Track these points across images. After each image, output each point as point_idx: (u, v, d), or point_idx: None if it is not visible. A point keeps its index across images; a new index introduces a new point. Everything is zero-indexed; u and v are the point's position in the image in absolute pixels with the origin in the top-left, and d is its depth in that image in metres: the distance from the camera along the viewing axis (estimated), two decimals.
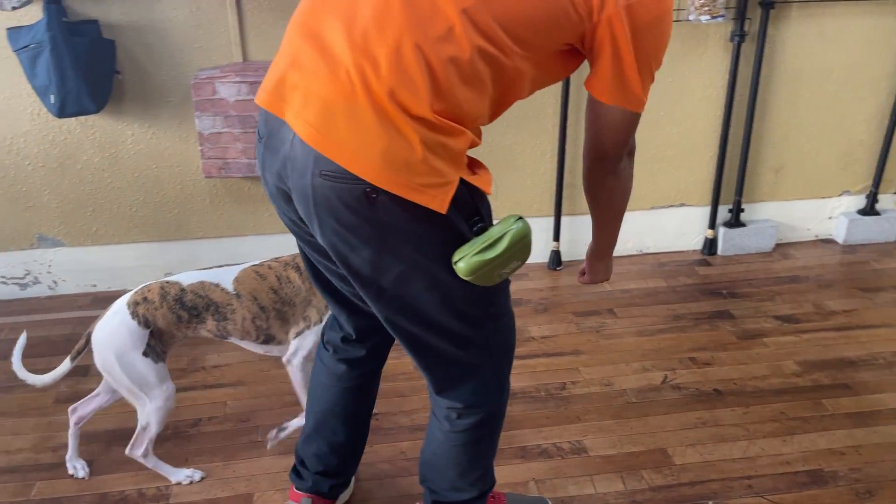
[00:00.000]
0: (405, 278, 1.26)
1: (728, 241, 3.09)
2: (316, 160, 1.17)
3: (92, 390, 2.00)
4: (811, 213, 3.17)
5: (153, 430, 1.83)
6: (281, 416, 2.16)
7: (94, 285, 2.89)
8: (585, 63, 1.29)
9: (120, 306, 1.77)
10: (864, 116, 3.01)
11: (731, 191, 3.05)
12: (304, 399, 1.92)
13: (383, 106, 1.13)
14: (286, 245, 2.89)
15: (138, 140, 2.68)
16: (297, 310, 1.86)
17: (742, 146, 2.95)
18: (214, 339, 1.84)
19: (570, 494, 1.87)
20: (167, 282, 1.81)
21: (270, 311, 1.83)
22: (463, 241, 1.25)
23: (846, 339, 2.50)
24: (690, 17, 2.67)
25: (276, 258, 1.90)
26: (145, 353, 1.75)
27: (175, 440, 2.08)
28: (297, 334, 1.87)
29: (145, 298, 1.77)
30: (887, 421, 2.11)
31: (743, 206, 3.07)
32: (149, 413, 1.80)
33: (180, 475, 1.92)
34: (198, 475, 1.93)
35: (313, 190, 1.19)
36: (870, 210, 3.14)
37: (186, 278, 1.82)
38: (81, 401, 1.96)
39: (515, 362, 2.37)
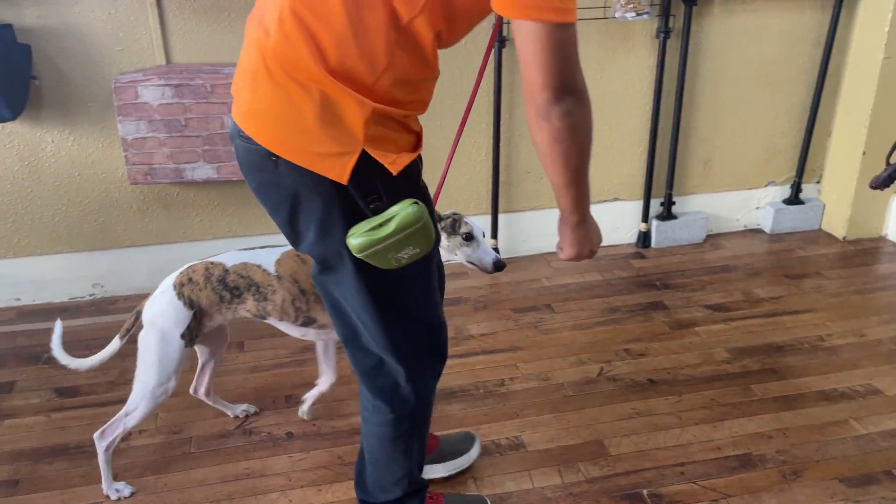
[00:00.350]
0: (318, 244, 1.31)
1: (661, 233, 3.15)
2: (235, 125, 1.29)
3: (13, 407, 1.92)
4: (739, 203, 3.26)
5: (133, 420, 1.81)
6: (214, 426, 2.12)
7: (19, 298, 2.78)
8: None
9: (167, 286, 1.82)
10: (785, 109, 3.12)
11: (662, 184, 3.12)
12: (326, 370, 2.06)
13: (275, 74, 1.19)
14: (219, 251, 2.82)
15: (59, 147, 2.59)
16: None
17: (671, 140, 3.02)
18: (253, 319, 1.89)
19: (507, 490, 1.88)
20: (212, 262, 1.84)
21: (310, 294, 1.84)
22: (361, 217, 1.24)
23: (773, 326, 2.58)
24: (616, 15, 2.72)
25: None
26: (182, 336, 1.79)
27: None
28: None
29: (190, 279, 1.81)
30: (812, 403, 2.19)
31: (674, 198, 3.14)
32: (142, 398, 1.79)
33: (111, 488, 1.87)
34: (127, 490, 1.88)
35: (237, 151, 1.32)
36: (794, 199, 3.25)
37: (230, 259, 1.85)
38: (196, 377, 2.07)
39: (453, 361, 2.38)
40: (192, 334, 1.80)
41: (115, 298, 2.82)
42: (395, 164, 1.23)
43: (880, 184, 1.41)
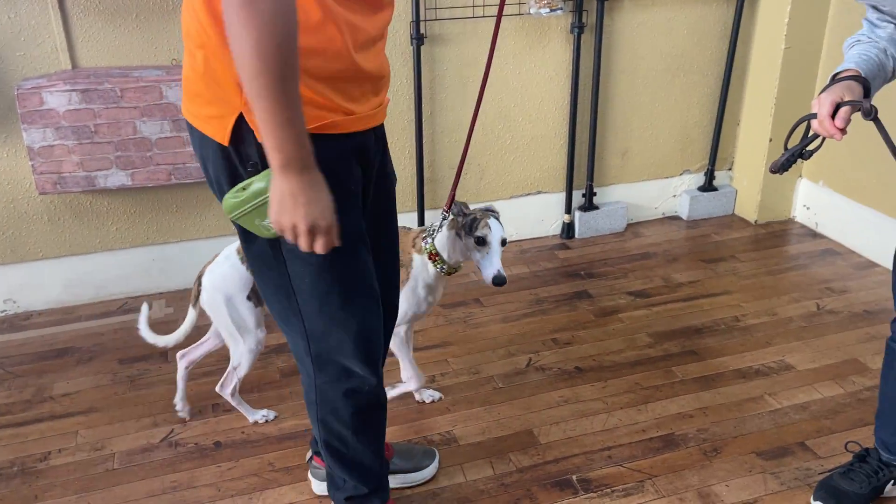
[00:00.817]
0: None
1: (584, 224, 3.23)
2: None
3: None
4: (657, 192, 3.36)
5: (242, 370, 1.96)
6: (138, 440, 2.06)
7: None
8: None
9: (230, 252, 1.90)
10: (696, 100, 3.23)
11: (583, 176, 3.19)
12: (406, 365, 2.08)
13: (185, 42, 1.22)
14: (137, 260, 2.75)
15: None
16: None
17: (590, 133, 3.09)
18: None
19: (440, 485, 1.90)
20: None
21: None
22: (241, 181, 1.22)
23: (692, 309, 2.68)
24: (531, 11, 2.76)
25: None
26: (248, 297, 1.87)
27: (22, 477, 1.93)
28: None
29: None
30: (729, 382, 2.28)
31: (595, 189, 3.22)
32: (241, 354, 1.94)
33: (257, 415, 2.11)
34: (272, 415, 2.13)
35: None
36: (708, 186, 3.38)
37: None
38: (191, 346, 2.07)
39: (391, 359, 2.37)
40: (258, 295, 1.88)
41: (29, 314, 2.71)
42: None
43: (779, 168, 1.49)
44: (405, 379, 2.12)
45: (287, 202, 1.11)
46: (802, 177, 3.27)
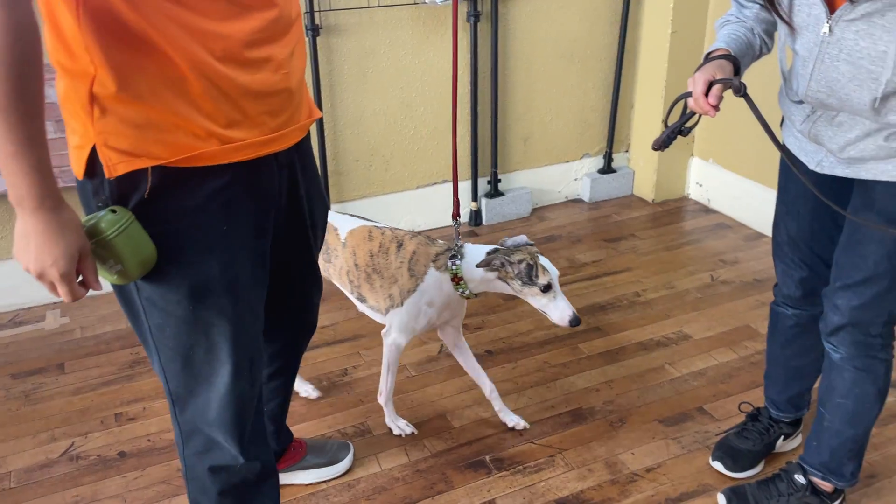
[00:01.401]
0: None
1: (490, 210, 3.28)
2: None
3: None
4: (559, 176, 3.45)
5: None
6: (36, 456, 1.96)
7: None
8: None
9: None
10: (592, 85, 3.33)
11: (487, 163, 3.24)
12: (385, 377, 1.96)
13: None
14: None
15: None
16: (384, 283, 1.85)
17: (491, 120, 3.14)
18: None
19: (356, 477, 1.89)
20: None
21: (362, 272, 1.87)
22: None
23: (596, 287, 2.77)
24: (427, 0, 2.77)
25: (397, 229, 1.90)
26: None
27: None
28: (388, 310, 1.88)
29: None
30: (631, 354, 2.38)
31: (500, 176, 3.27)
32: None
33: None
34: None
35: None
36: (607, 169, 3.49)
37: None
38: None
39: None
40: None
41: None
42: (115, 166, 1.04)
43: (660, 145, 1.55)
44: (381, 389, 2.00)
45: (20, 243, 1.00)
46: (694, 155, 3.42)
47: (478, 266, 1.72)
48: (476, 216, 3.27)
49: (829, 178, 1.50)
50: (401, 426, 2.04)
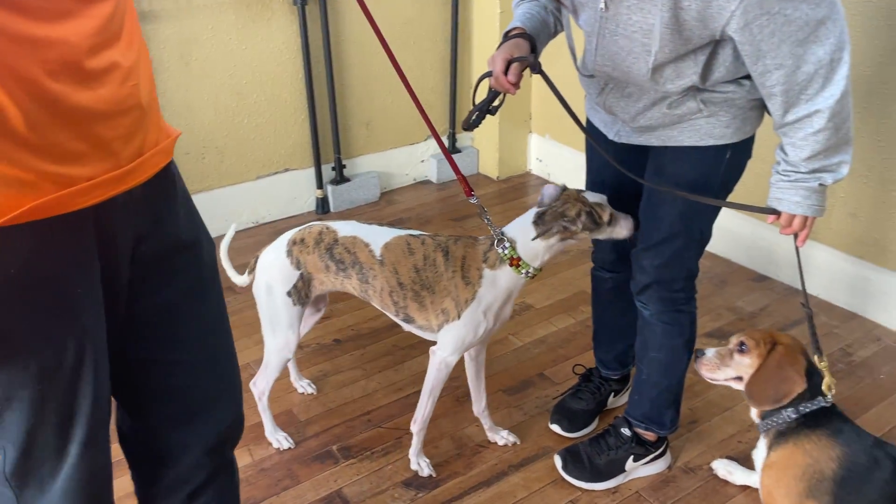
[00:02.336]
0: None
1: (337, 197, 3.24)
2: None
3: None
4: (405, 159, 3.46)
5: (271, 372, 1.84)
6: None
7: None
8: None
9: (283, 240, 1.76)
10: (430, 65, 3.35)
11: (330, 149, 3.19)
12: (424, 402, 1.80)
13: None
14: None
15: None
16: (436, 298, 1.67)
17: (330, 105, 3.09)
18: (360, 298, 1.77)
19: None
20: (327, 227, 1.74)
21: (408, 291, 1.68)
22: None
23: None
24: None
25: (436, 235, 1.72)
26: (289, 293, 1.73)
27: None
28: (440, 327, 1.69)
29: (302, 240, 1.74)
30: None
31: (344, 162, 3.23)
32: (269, 351, 1.82)
33: (273, 436, 1.94)
34: (286, 443, 1.94)
35: None
36: (452, 149, 3.54)
37: (345, 228, 1.74)
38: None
39: None
40: (300, 294, 1.74)
41: None
42: None
43: (469, 125, 1.58)
44: (416, 416, 1.83)
45: None
46: (532, 132, 3.53)
47: (534, 239, 1.59)
48: (323, 204, 3.22)
49: (627, 147, 1.58)
50: (422, 465, 1.86)
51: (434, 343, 1.76)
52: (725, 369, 1.49)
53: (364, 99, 3.22)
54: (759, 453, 1.47)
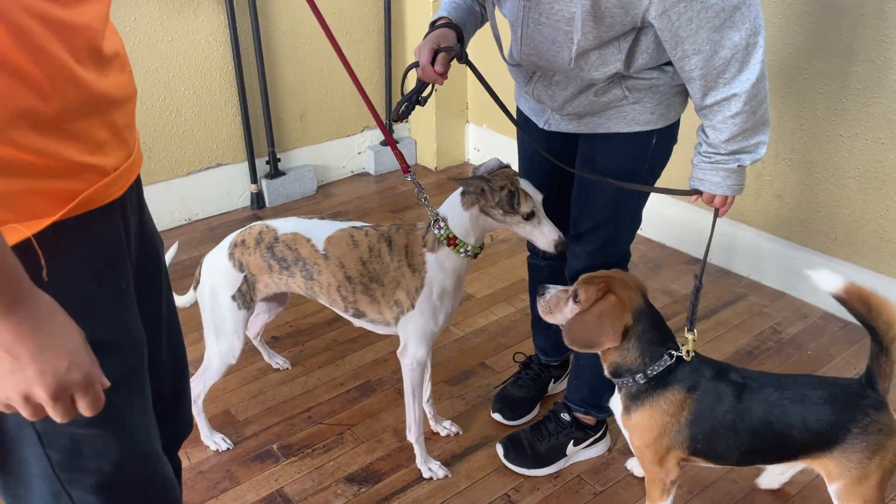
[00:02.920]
0: None
1: (273, 191, 3.18)
2: None
3: None
4: (341, 151, 3.42)
5: (210, 377, 1.78)
6: None
7: None
8: None
9: (225, 244, 1.72)
10: (364, 57, 3.31)
11: (263, 143, 3.12)
12: (410, 407, 1.75)
13: None
14: None
15: None
16: (387, 290, 1.63)
17: (262, 98, 3.02)
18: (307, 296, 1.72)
19: None
20: (267, 226, 1.69)
21: (357, 284, 1.63)
22: None
23: None
24: None
25: (378, 225, 1.68)
26: (233, 297, 1.68)
27: None
28: (396, 319, 1.65)
29: (243, 241, 1.69)
30: None
31: (279, 155, 3.17)
32: (211, 356, 1.76)
33: (209, 439, 1.89)
34: (224, 445, 1.90)
35: None
36: None
37: (285, 226, 1.68)
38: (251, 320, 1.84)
39: None
40: (245, 298, 1.69)
41: None
42: None
43: (398, 116, 1.56)
44: (408, 424, 1.80)
45: (3, 365, 0.69)
46: (469, 122, 3.53)
47: (462, 193, 1.55)
48: (258, 199, 3.15)
49: (557, 135, 1.59)
50: (433, 469, 1.81)
51: (389, 339, 1.74)
52: (558, 314, 1.46)
53: (297, 91, 3.16)
54: (615, 405, 1.50)
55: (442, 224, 1.58)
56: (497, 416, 1.98)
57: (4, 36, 0.70)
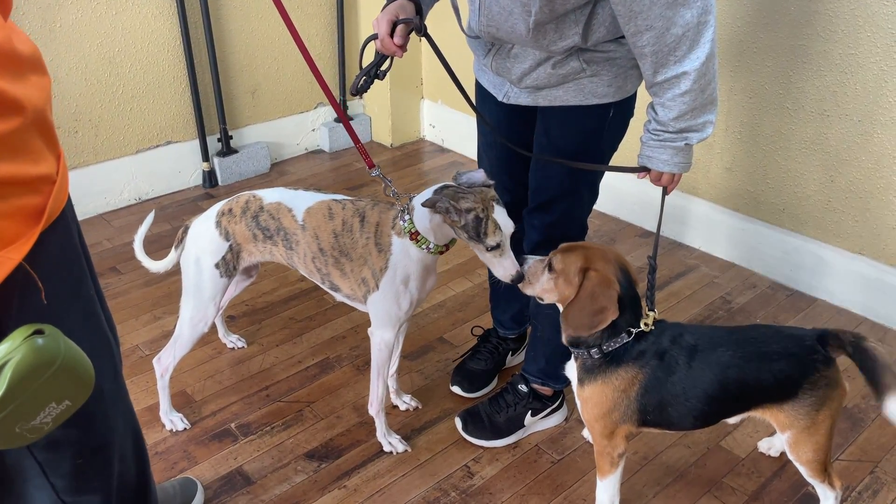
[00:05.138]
0: None
1: (225, 169, 3.11)
2: None
3: None
4: (295, 128, 3.36)
5: (180, 347, 1.78)
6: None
7: None
8: None
9: (212, 212, 1.72)
10: (316, 31, 3.25)
11: (214, 120, 3.06)
12: (374, 384, 1.75)
13: None
14: None
15: None
16: (354, 266, 1.62)
17: (211, 73, 2.95)
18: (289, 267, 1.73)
19: None
20: (254, 196, 1.70)
21: (329, 257, 1.63)
22: None
23: None
24: None
25: (358, 199, 1.66)
26: (217, 265, 1.69)
27: None
28: (365, 297, 1.64)
29: (230, 210, 1.70)
30: None
31: (231, 133, 3.11)
32: (183, 323, 1.75)
33: (167, 417, 1.88)
34: (181, 425, 1.87)
35: None
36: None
37: (271, 196, 1.69)
38: None
39: None
40: (228, 266, 1.70)
41: None
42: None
43: (357, 90, 1.55)
44: (371, 399, 1.78)
45: None
46: (424, 98, 3.51)
47: (423, 205, 1.47)
48: (210, 177, 3.09)
49: (517, 108, 1.59)
50: (393, 443, 1.81)
51: (347, 315, 1.74)
52: (536, 284, 1.47)
53: (248, 66, 3.10)
54: (570, 372, 1.53)
55: (407, 217, 1.54)
56: (456, 389, 1.99)
57: None
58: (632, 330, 1.41)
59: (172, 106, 2.94)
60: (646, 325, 1.42)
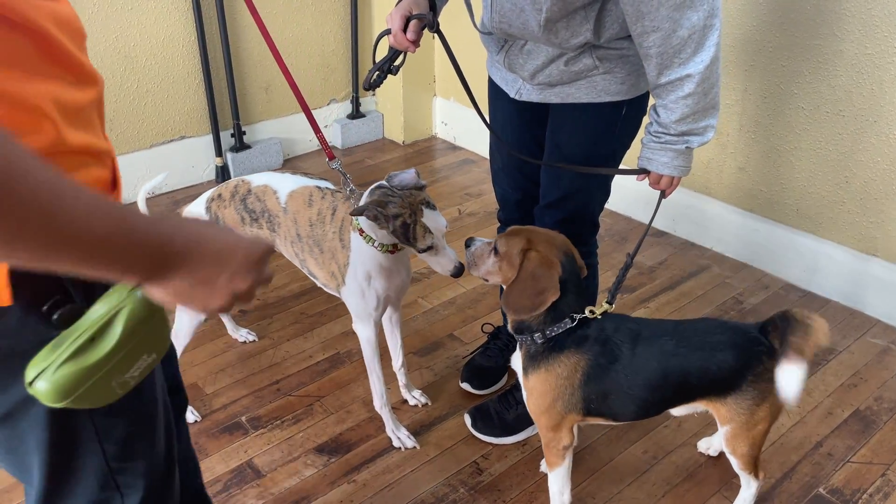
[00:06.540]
0: None
1: (238, 164, 3.13)
2: None
3: None
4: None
5: (181, 339, 1.77)
6: None
7: None
8: None
9: (203, 198, 1.72)
10: (330, 28, 3.26)
11: (228, 115, 3.07)
12: (372, 385, 1.79)
13: None
14: None
15: None
16: (325, 258, 1.61)
17: (226, 69, 2.97)
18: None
19: None
20: (242, 180, 1.70)
21: (304, 244, 1.63)
22: (37, 344, 0.72)
23: None
24: None
25: (338, 190, 1.64)
26: None
27: None
28: (339, 290, 1.64)
29: (220, 195, 1.70)
30: None
31: (244, 128, 3.13)
32: (180, 311, 1.75)
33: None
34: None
35: None
36: (356, 114, 3.47)
37: (258, 179, 1.69)
38: None
39: None
40: None
41: None
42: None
43: (370, 85, 1.55)
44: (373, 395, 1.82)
45: (201, 291, 0.73)
46: (437, 95, 3.51)
47: (352, 214, 1.46)
48: (223, 172, 3.10)
49: (529, 105, 1.59)
50: (402, 438, 1.81)
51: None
52: (482, 266, 1.45)
53: (262, 62, 3.11)
54: (516, 362, 1.51)
55: (354, 218, 1.54)
56: (466, 386, 1.99)
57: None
58: (575, 315, 1.39)
59: (187, 101, 2.95)
60: (591, 311, 1.39)
